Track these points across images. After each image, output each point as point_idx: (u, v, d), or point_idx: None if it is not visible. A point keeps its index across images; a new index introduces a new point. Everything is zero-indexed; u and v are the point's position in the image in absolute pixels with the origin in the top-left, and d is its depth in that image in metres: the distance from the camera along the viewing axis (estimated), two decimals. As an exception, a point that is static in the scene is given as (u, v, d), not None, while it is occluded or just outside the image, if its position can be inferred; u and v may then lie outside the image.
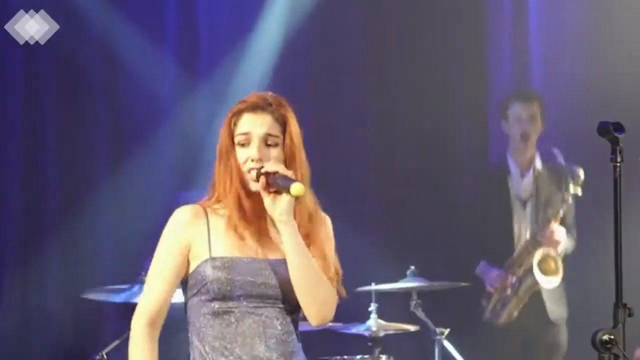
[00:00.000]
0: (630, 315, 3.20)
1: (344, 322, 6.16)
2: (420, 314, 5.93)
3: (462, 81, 7.34)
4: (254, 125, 3.24)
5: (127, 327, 5.26)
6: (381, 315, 6.03)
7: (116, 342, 5.21)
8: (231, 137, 3.26)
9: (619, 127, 3.30)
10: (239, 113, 3.26)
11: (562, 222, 6.47)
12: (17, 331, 6.54)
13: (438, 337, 5.89)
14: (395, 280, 6.00)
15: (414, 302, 5.94)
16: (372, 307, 6.02)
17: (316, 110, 7.36)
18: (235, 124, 3.26)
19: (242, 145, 3.23)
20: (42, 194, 6.54)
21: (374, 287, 5.93)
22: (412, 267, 5.96)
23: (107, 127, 6.85)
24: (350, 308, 6.37)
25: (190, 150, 6.72)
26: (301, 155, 3.31)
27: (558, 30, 7.23)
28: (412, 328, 6.00)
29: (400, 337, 6.18)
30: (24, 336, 6.56)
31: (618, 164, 3.29)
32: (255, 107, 3.25)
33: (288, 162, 3.27)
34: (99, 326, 6.47)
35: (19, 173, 6.57)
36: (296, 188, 3.13)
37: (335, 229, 7.26)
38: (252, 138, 3.23)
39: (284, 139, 3.27)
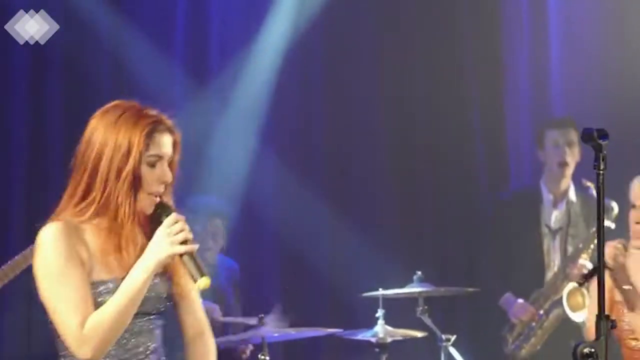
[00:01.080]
0: (613, 327, 3.09)
1: (351, 328, 6.10)
2: (426, 320, 5.84)
3: (479, 85, 7.22)
4: (164, 147, 3.17)
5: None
6: (388, 321, 5.96)
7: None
8: (140, 153, 3.12)
9: (602, 134, 3.15)
10: (152, 132, 3.15)
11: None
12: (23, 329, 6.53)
13: (444, 343, 5.81)
14: (402, 286, 5.91)
15: (420, 308, 5.86)
16: (379, 313, 5.95)
17: (324, 113, 7.29)
18: (149, 143, 3.13)
19: (152, 165, 3.15)
20: (43, 197, 6.48)
21: (380, 292, 5.86)
22: (419, 273, 5.88)
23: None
24: (357, 314, 6.36)
25: (192, 153, 6.65)
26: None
27: (578, 37, 7.09)
28: (419, 334, 5.92)
29: (407, 344, 6.10)
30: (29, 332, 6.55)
31: (601, 172, 3.15)
32: (165, 129, 3.18)
33: (172, 181, 3.22)
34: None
35: (22, 175, 6.54)
36: (203, 283, 3.09)
37: (343, 235, 7.19)
38: (162, 160, 3.17)
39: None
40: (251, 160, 6.84)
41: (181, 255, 3.10)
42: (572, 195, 6.42)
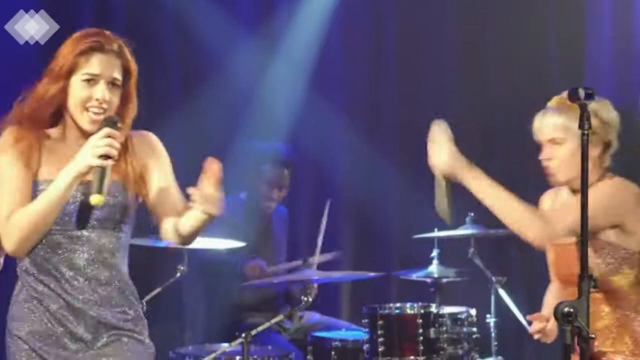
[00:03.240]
0: (595, 286, 3.10)
1: (406, 268, 6.21)
2: (478, 261, 5.92)
3: (560, 36, 7.06)
4: (104, 67, 3.26)
5: (171, 274, 5.32)
6: (442, 262, 6.05)
7: (158, 290, 5.22)
8: (72, 67, 3.24)
9: (589, 95, 3.18)
10: (90, 51, 3.25)
11: None
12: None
13: (495, 285, 5.89)
14: (455, 228, 5.94)
15: (472, 250, 5.93)
16: (434, 253, 6.05)
17: (395, 55, 7.27)
18: (86, 61, 3.24)
19: (87, 82, 3.25)
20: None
21: (436, 233, 5.94)
22: (471, 214, 5.91)
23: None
24: (411, 254, 6.43)
25: (239, 98, 6.69)
26: (135, 100, 3.37)
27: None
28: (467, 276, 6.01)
29: (459, 285, 6.18)
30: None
31: (586, 131, 3.20)
32: (107, 50, 3.27)
33: (124, 104, 3.33)
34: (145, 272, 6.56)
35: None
36: (96, 200, 3.16)
37: (397, 178, 7.05)
38: (100, 80, 3.25)
39: (123, 84, 3.32)
40: (306, 104, 6.79)
41: (94, 167, 3.17)
42: None
